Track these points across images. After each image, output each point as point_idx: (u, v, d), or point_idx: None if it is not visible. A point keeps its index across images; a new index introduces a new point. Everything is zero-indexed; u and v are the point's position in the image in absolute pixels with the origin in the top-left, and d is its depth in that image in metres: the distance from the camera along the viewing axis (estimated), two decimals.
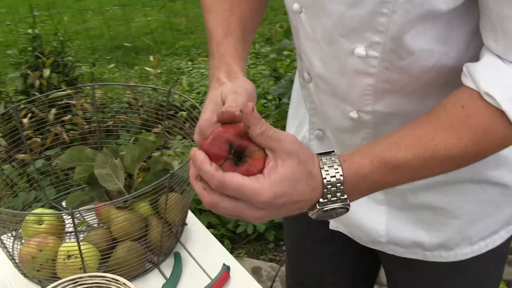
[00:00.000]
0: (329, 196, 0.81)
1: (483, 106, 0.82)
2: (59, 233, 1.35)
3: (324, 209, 0.82)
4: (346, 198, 0.82)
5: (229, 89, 0.88)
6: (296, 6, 0.98)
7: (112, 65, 5.05)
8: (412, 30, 0.84)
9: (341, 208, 0.83)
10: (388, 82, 0.93)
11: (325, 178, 0.81)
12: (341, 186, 0.81)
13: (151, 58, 4.24)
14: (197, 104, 1.48)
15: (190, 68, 5.11)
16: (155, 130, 2.69)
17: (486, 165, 1.00)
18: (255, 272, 2.70)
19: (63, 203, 1.51)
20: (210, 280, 1.28)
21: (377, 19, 0.85)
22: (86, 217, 1.44)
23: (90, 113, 3.03)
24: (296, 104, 1.27)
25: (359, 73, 0.93)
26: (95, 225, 1.41)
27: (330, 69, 0.98)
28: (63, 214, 1.37)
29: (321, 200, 0.82)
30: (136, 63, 5.19)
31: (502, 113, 0.81)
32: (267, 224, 2.83)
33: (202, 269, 1.33)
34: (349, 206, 0.83)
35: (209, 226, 2.81)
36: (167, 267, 1.34)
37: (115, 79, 4.72)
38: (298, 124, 1.26)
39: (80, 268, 1.23)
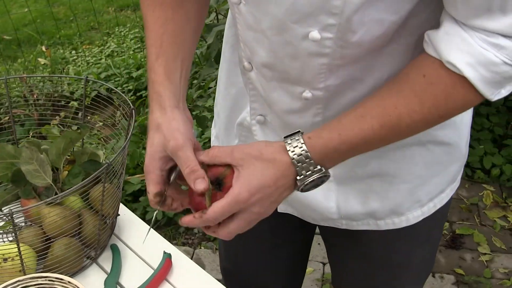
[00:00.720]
0: (303, 171, 0.89)
1: (444, 73, 0.85)
2: None
3: (305, 183, 0.90)
4: (320, 169, 0.89)
5: (170, 143, 0.95)
6: None
7: None
8: (366, 6, 0.84)
9: (320, 177, 0.90)
10: (342, 58, 0.93)
11: (293, 158, 0.89)
12: (310, 160, 0.89)
13: (43, 48, 4.06)
14: (116, 89, 1.43)
15: (75, 57, 4.95)
16: (54, 122, 2.60)
17: None
18: None
19: None
20: (152, 270, 1.25)
21: (332, 3, 0.83)
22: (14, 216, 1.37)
23: None
24: (227, 84, 1.25)
25: (312, 55, 0.93)
26: (23, 224, 1.34)
27: (279, 56, 0.97)
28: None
29: (297, 177, 0.90)
30: (19, 56, 4.97)
31: (463, 79, 0.84)
32: None
33: (142, 259, 1.29)
34: (328, 173, 0.91)
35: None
36: (105, 261, 1.29)
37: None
38: (232, 104, 1.24)
39: (19, 271, 1.17)
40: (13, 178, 1.30)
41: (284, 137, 0.91)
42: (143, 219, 2.80)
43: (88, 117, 1.67)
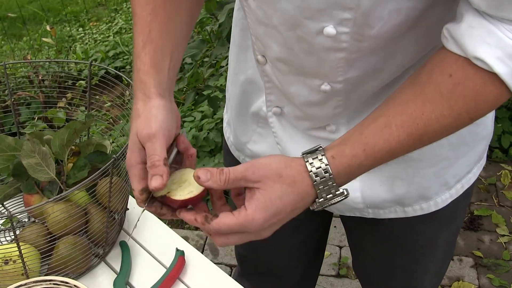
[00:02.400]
0: (323, 194, 0.83)
1: (472, 71, 0.77)
2: None
3: (324, 206, 0.84)
4: (342, 192, 0.83)
5: (143, 132, 0.88)
6: None
7: None
8: None
9: (340, 199, 0.84)
10: (359, 51, 0.87)
11: (314, 181, 0.81)
12: (333, 183, 0.82)
13: (48, 27, 3.97)
14: (119, 73, 1.35)
15: (82, 35, 4.87)
16: (60, 104, 2.53)
17: None
18: None
19: None
20: (164, 269, 1.18)
21: None
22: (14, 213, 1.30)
23: None
24: (236, 69, 1.18)
25: (329, 50, 0.87)
26: (25, 220, 1.27)
27: (293, 51, 0.91)
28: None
29: (317, 200, 0.83)
30: (24, 34, 4.88)
31: (493, 75, 0.76)
32: None
33: (154, 257, 1.22)
34: (348, 194, 0.84)
35: None
36: (114, 259, 1.22)
37: (4, 53, 4.42)
38: (241, 92, 1.18)
39: (22, 274, 1.10)
40: (14, 172, 1.22)
41: (303, 154, 0.83)
42: None
43: (96, 97, 1.60)
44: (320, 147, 0.83)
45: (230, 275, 1.16)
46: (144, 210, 0.92)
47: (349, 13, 0.79)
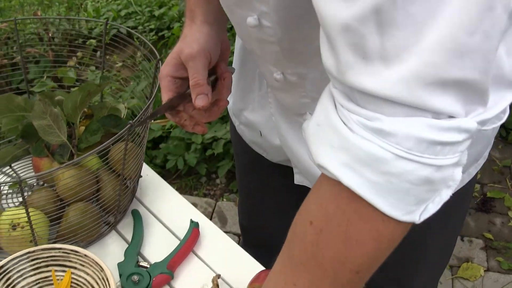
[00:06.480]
0: None
1: (331, 208, 0.61)
2: None
3: None
4: None
5: (185, 51, 0.91)
6: None
7: None
8: None
9: None
10: (293, 50, 0.83)
11: None
12: None
13: None
14: (132, 31, 1.29)
15: None
16: (70, 62, 2.46)
17: None
18: None
19: None
20: (178, 241, 1.13)
21: None
22: (22, 174, 1.25)
23: None
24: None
25: (262, 42, 0.86)
26: (34, 183, 1.22)
27: (240, 35, 0.95)
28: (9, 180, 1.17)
29: None
30: None
31: (357, 205, 0.59)
32: (198, 157, 2.68)
33: (167, 227, 1.17)
34: None
35: None
36: (126, 227, 1.17)
37: (12, 8, 4.34)
38: (241, 56, 1.17)
39: (30, 241, 1.05)
40: (23, 133, 1.17)
41: None
42: (164, 167, 2.71)
43: (107, 57, 1.54)
44: None
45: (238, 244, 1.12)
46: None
47: (265, 6, 0.77)
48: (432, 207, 0.62)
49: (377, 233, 0.60)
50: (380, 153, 0.56)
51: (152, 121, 2.74)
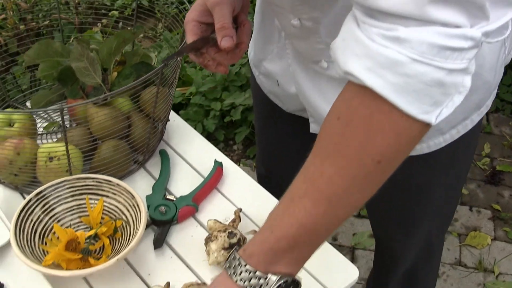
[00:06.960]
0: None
1: (357, 103, 0.70)
2: (33, 135, 1.23)
3: None
4: (275, 280, 0.75)
5: None
6: None
7: None
8: None
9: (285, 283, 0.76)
10: None
11: (236, 280, 0.76)
12: (255, 273, 0.75)
13: None
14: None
15: None
16: (95, 29, 2.53)
17: None
18: None
19: (27, 104, 1.38)
20: (202, 178, 1.21)
21: None
22: (56, 117, 1.33)
23: (22, 13, 2.81)
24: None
25: None
26: (68, 125, 1.30)
27: None
28: (50, 112, 1.26)
29: None
30: None
31: (380, 102, 0.68)
32: (217, 124, 2.75)
33: (192, 166, 1.25)
34: (290, 278, 0.77)
35: None
36: (153, 166, 1.25)
37: None
38: (261, 8, 1.23)
39: (66, 171, 1.13)
40: (60, 76, 1.25)
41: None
42: None
43: (128, 28, 1.61)
44: (235, 248, 0.85)
45: None
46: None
47: None
48: (446, 111, 0.69)
49: (397, 125, 0.68)
50: (398, 57, 0.65)
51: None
